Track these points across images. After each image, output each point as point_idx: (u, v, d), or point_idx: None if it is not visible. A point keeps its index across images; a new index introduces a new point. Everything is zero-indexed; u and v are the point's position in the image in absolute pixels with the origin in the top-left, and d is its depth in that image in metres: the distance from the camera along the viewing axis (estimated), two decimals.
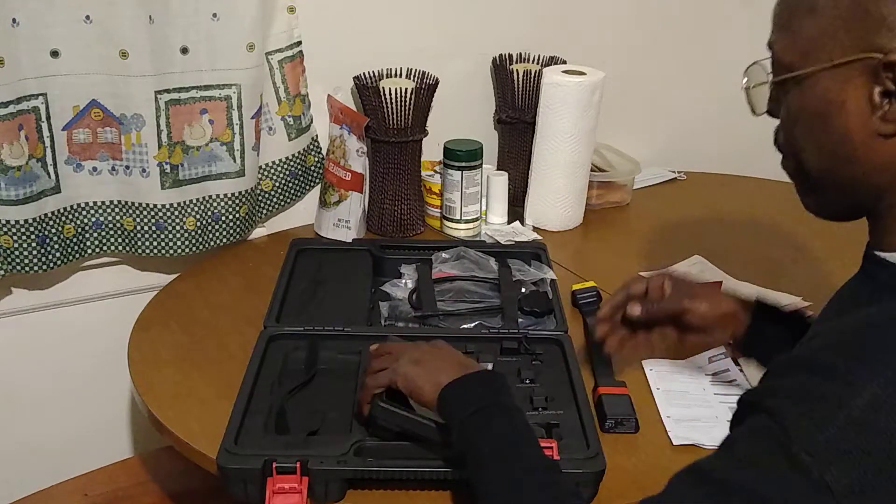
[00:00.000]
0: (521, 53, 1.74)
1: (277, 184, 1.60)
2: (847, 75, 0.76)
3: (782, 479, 0.69)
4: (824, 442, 0.68)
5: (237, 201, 1.50)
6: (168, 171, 1.43)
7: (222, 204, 1.49)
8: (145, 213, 1.45)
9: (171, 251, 1.48)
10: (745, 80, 0.89)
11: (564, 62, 1.71)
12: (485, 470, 0.89)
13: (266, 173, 1.58)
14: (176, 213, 1.46)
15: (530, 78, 1.68)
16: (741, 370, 1.21)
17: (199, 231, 1.49)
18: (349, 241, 1.56)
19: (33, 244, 1.37)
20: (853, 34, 0.75)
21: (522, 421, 0.92)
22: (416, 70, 1.60)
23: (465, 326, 1.31)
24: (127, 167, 1.43)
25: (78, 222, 1.44)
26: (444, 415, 0.96)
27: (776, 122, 0.87)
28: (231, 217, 1.51)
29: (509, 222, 1.65)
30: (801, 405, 0.70)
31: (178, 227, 1.47)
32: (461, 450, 0.92)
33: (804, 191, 0.87)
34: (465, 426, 0.92)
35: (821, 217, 0.87)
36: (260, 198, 1.58)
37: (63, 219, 1.42)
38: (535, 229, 1.65)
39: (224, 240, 1.52)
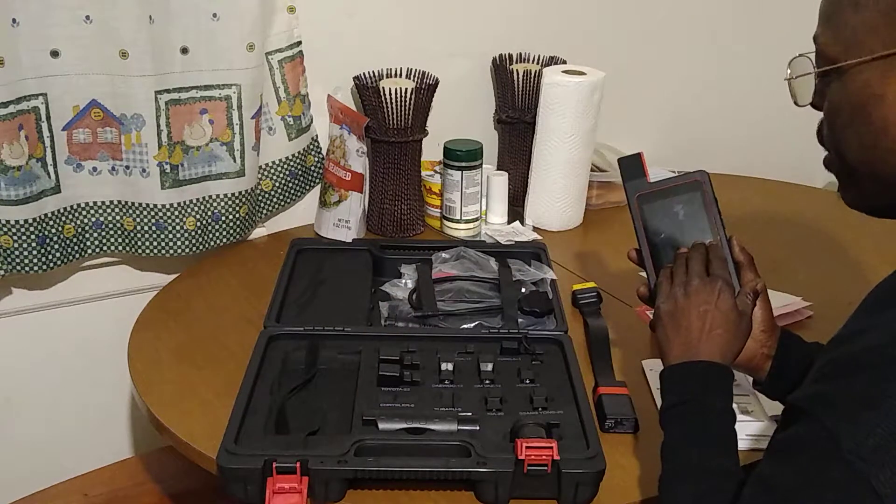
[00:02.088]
0: (521, 53, 1.74)
1: (277, 184, 1.60)
2: (887, 68, 0.78)
3: (837, 487, 0.70)
4: (873, 447, 0.69)
5: (237, 201, 1.50)
6: (168, 171, 1.43)
7: (222, 204, 1.49)
8: (145, 213, 1.45)
9: (171, 251, 1.48)
10: (789, 71, 0.91)
11: (564, 62, 1.71)
12: (665, 460, 0.92)
13: (266, 173, 1.58)
14: (176, 213, 1.46)
15: (530, 78, 1.68)
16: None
17: (199, 231, 1.49)
18: (349, 241, 1.56)
19: (33, 244, 1.37)
20: (894, 28, 0.77)
21: (713, 423, 0.92)
22: (416, 70, 1.60)
23: (465, 326, 1.31)
24: (127, 167, 1.43)
25: (78, 222, 1.44)
26: (661, 385, 0.98)
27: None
28: (231, 217, 1.51)
29: (509, 222, 1.65)
30: (849, 410, 0.71)
31: (178, 227, 1.47)
32: (662, 426, 0.95)
33: (845, 185, 0.88)
34: (666, 413, 0.94)
35: (862, 211, 0.88)
36: (260, 198, 1.58)
37: (63, 219, 1.42)
38: (535, 229, 1.65)
39: (224, 240, 1.52)
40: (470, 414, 1.08)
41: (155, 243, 1.47)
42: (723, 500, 0.83)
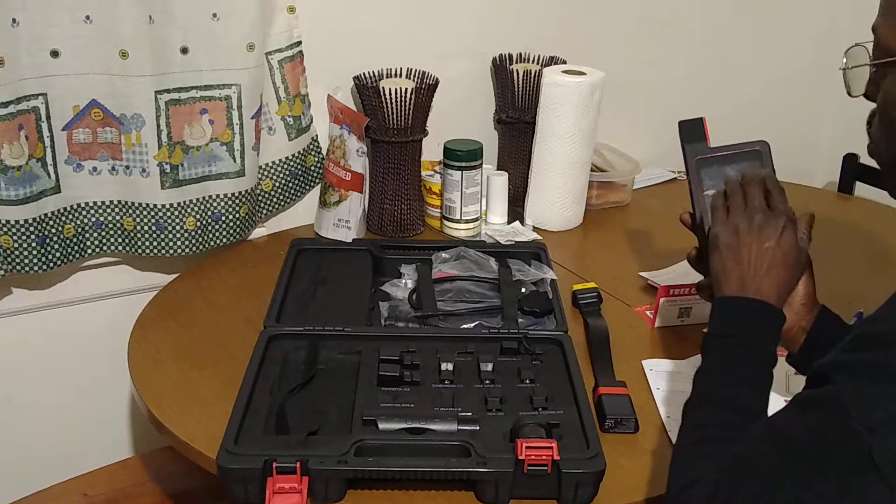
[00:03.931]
0: (521, 53, 1.74)
1: (277, 184, 1.60)
2: None
3: (837, 450, 0.73)
4: (881, 419, 0.71)
5: (237, 201, 1.50)
6: (168, 171, 1.43)
7: (222, 204, 1.49)
8: (145, 213, 1.45)
9: (171, 251, 1.48)
10: (845, 60, 0.90)
11: (564, 62, 1.71)
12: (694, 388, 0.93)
13: (266, 173, 1.58)
14: (176, 213, 1.46)
15: (530, 78, 1.68)
16: None
17: (199, 231, 1.49)
18: (349, 241, 1.56)
19: (33, 244, 1.37)
20: None
21: (753, 362, 0.93)
22: (416, 70, 1.60)
23: (465, 326, 1.31)
24: (127, 167, 1.43)
25: (78, 222, 1.44)
26: (711, 312, 0.98)
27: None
28: (231, 217, 1.51)
29: (509, 222, 1.65)
30: (864, 381, 0.74)
31: (178, 227, 1.47)
32: (702, 351, 0.96)
33: (893, 176, 0.89)
34: (710, 339, 0.95)
35: None
36: (260, 198, 1.58)
37: (63, 219, 1.42)
38: (535, 229, 1.65)
39: (224, 240, 1.52)
40: (470, 414, 1.08)
41: (155, 243, 1.47)
42: (738, 435, 0.84)
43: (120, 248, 1.49)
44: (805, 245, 1.01)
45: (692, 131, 1.12)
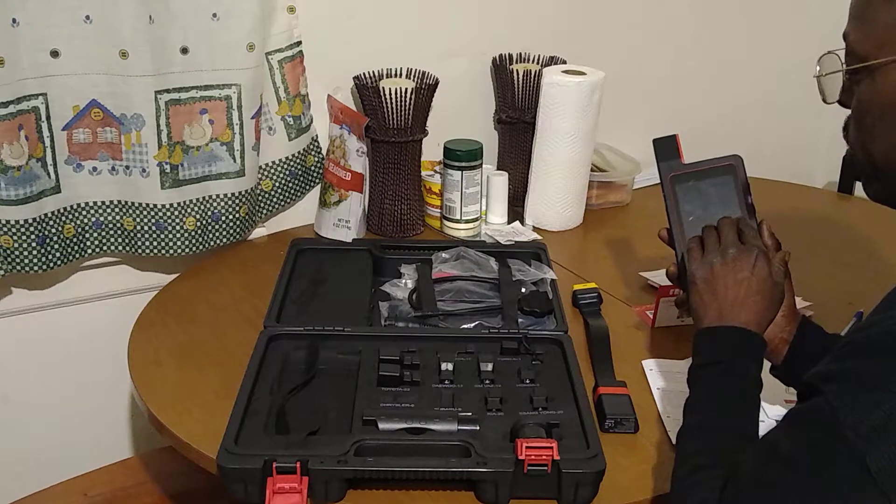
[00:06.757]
0: (521, 53, 1.74)
1: (277, 184, 1.60)
2: None
3: (832, 460, 0.73)
4: (872, 425, 0.71)
5: (237, 201, 1.50)
6: (168, 171, 1.43)
7: (222, 204, 1.50)
8: (145, 213, 1.45)
9: (171, 251, 1.48)
10: (818, 68, 0.91)
11: (564, 62, 1.71)
12: (686, 414, 0.95)
13: (266, 173, 1.58)
14: (176, 213, 1.46)
15: (530, 78, 1.68)
16: None
17: (199, 231, 1.49)
18: (349, 241, 1.56)
19: (33, 244, 1.37)
20: None
21: (740, 386, 0.94)
22: (416, 70, 1.60)
23: (465, 326, 1.31)
24: (127, 167, 1.43)
25: (78, 222, 1.44)
26: (694, 345, 0.99)
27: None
28: (231, 217, 1.51)
29: (509, 222, 1.65)
30: (854, 390, 0.74)
31: (178, 227, 1.47)
32: (689, 383, 0.97)
33: (870, 179, 0.89)
34: (695, 371, 0.97)
35: (885, 205, 0.90)
36: (260, 198, 1.58)
37: (63, 219, 1.42)
38: (535, 229, 1.65)
39: (224, 240, 1.52)
40: (470, 414, 1.08)
41: (155, 243, 1.47)
42: (735, 458, 0.84)
43: (120, 248, 1.49)
44: (780, 278, 1.02)
45: (666, 148, 1.14)
